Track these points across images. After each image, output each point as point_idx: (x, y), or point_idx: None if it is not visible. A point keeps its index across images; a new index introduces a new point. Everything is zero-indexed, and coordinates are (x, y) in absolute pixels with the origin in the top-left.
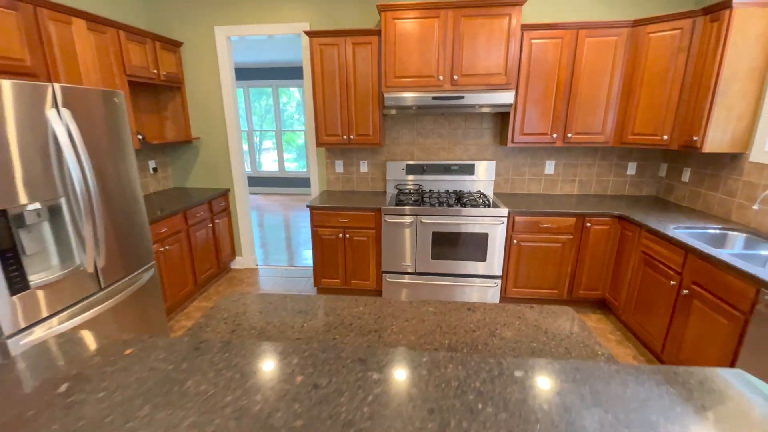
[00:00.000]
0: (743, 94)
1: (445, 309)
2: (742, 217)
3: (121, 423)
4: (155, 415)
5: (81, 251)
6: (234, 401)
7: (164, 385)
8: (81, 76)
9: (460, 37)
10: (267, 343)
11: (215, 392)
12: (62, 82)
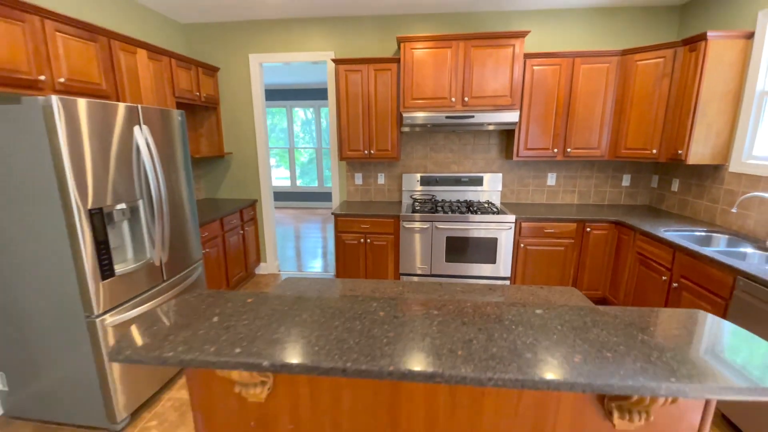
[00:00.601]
0: (720, 113)
1: (469, 288)
2: (725, 221)
3: (270, 335)
4: (291, 330)
5: (151, 247)
6: (341, 324)
7: (286, 316)
8: (142, 97)
9: (470, 63)
10: (352, 295)
11: (325, 320)
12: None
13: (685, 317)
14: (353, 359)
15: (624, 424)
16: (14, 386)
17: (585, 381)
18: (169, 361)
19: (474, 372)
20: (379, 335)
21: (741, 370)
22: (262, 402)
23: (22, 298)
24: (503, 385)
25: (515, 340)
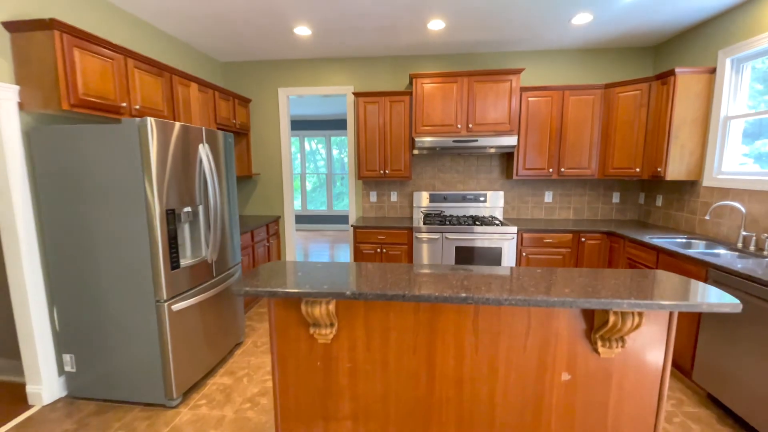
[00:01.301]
0: (691, 135)
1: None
2: (703, 230)
3: (345, 278)
4: (359, 278)
5: (206, 247)
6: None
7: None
8: (192, 122)
9: (473, 96)
10: (395, 264)
11: (382, 273)
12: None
13: (646, 273)
14: (408, 289)
15: (606, 352)
16: (81, 367)
17: (571, 299)
18: (278, 293)
19: (494, 296)
20: (424, 281)
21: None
22: (328, 343)
23: (103, 283)
24: (515, 304)
25: (522, 284)
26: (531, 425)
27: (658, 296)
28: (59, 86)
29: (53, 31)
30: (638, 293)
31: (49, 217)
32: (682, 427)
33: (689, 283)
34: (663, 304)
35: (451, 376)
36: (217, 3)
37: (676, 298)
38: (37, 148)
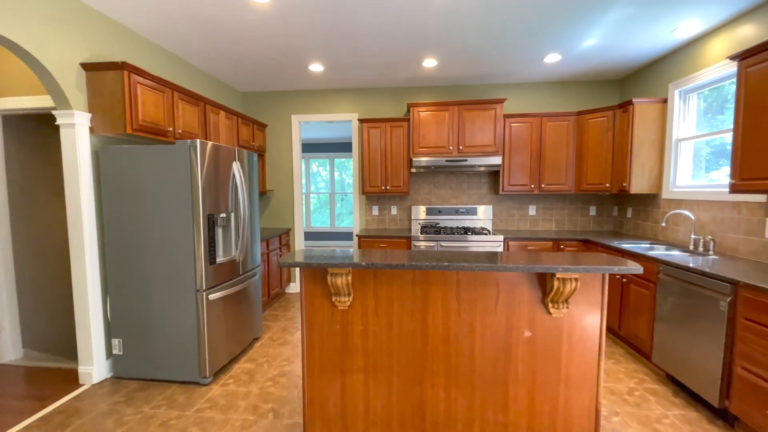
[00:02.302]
0: (649, 155)
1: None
2: (664, 236)
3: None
4: (387, 258)
5: (235, 248)
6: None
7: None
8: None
9: (463, 122)
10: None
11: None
12: None
13: (584, 254)
14: (407, 261)
15: (556, 312)
16: (127, 350)
17: (522, 266)
18: (312, 265)
19: (467, 264)
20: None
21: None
22: (346, 309)
23: (151, 275)
24: (484, 269)
25: (490, 258)
26: (502, 372)
27: (584, 264)
28: (125, 115)
29: (123, 71)
30: (571, 263)
31: (108, 220)
32: (642, 398)
33: (613, 259)
34: (586, 268)
35: (440, 334)
36: (246, 46)
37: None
38: (104, 164)
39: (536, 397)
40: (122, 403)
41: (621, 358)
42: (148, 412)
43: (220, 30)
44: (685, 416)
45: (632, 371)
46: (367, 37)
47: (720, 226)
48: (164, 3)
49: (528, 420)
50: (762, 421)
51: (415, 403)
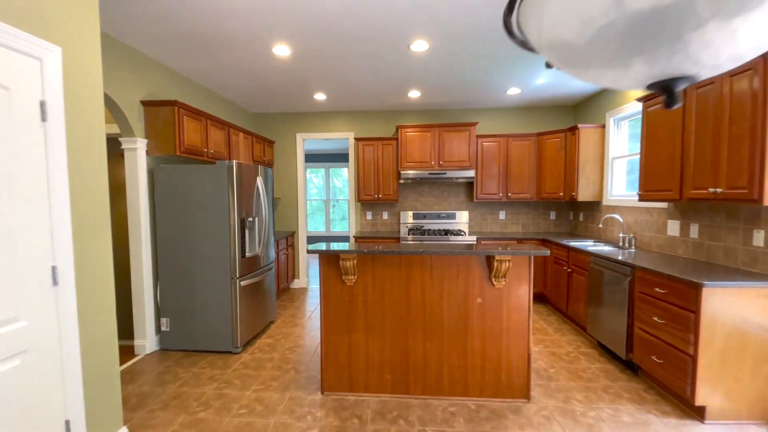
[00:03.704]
0: (593, 170)
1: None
2: (605, 236)
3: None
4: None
5: (258, 245)
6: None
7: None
8: (239, 159)
9: (443, 141)
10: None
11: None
12: None
13: (521, 246)
14: (395, 249)
15: (498, 284)
16: (173, 327)
17: (473, 251)
18: (330, 252)
19: (435, 250)
20: (403, 246)
21: (529, 250)
22: (352, 285)
23: (197, 267)
24: (446, 254)
25: (454, 248)
26: (462, 328)
27: (512, 250)
28: (175, 140)
29: (175, 107)
30: (504, 249)
31: (160, 222)
32: (574, 358)
33: (539, 247)
34: (512, 252)
35: (419, 302)
36: (265, 82)
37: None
38: (158, 178)
39: (486, 345)
40: (174, 366)
41: (566, 332)
42: (196, 371)
43: (246, 70)
44: (603, 368)
45: (572, 341)
46: (364, 75)
47: (639, 227)
48: (208, 56)
49: (481, 362)
50: (650, 364)
51: (401, 353)
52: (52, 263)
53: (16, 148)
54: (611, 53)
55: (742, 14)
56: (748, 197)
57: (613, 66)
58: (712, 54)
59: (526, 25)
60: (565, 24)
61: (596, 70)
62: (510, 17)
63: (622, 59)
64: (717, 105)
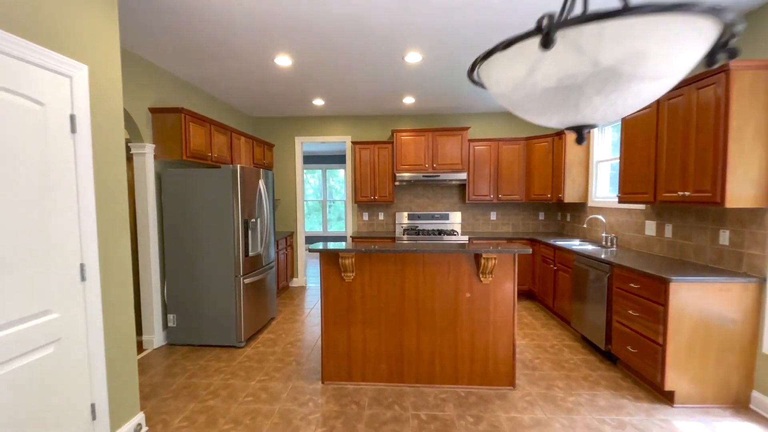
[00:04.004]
0: (579, 173)
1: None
2: (590, 236)
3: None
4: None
5: (259, 245)
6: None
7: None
8: (241, 163)
9: (436, 144)
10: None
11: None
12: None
13: (508, 245)
14: (391, 248)
15: (485, 280)
16: (179, 323)
17: (463, 249)
18: (330, 251)
19: (428, 248)
20: (399, 245)
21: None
22: (351, 281)
23: (203, 266)
24: (436, 251)
25: (444, 247)
26: (452, 321)
27: (498, 248)
28: (181, 145)
29: (181, 114)
30: (490, 248)
31: (167, 223)
32: (559, 350)
33: (524, 247)
34: (497, 250)
35: (412, 297)
36: (266, 89)
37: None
38: (165, 182)
39: (475, 337)
40: (181, 359)
41: (552, 326)
42: (203, 363)
43: (249, 79)
44: (585, 359)
45: (558, 334)
46: (361, 83)
47: (620, 227)
48: (213, 65)
49: (470, 352)
50: (626, 354)
51: (396, 344)
52: (81, 261)
53: (51, 158)
54: (536, 108)
55: (615, 93)
56: (712, 200)
57: (540, 115)
58: (601, 115)
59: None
60: (504, 85)
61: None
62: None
63: (544, 113)
64: (685, 115)
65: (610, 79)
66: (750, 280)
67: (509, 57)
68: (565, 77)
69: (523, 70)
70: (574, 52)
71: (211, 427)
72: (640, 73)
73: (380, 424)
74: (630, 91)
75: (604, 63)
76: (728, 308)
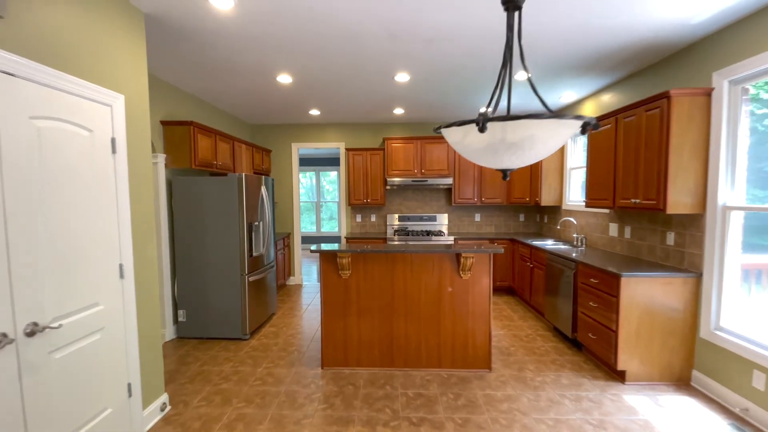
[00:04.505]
0: (554, 178)
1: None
2: (563, 236)
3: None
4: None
5: (261, 246)
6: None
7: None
8: (244, 171)
9: (424, 151)
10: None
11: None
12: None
13: (486, 245)
14: (383, 248)
15: (465, 276)
16: (189, 318)
17: (445, 249)
18: (328, 251)
19: (414, 249)
20: (389, 246)
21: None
22: (347, 278)
23: (211, 265)
24: (422, 252)
25: (430, 247)
26: (436, 312)
27: (475, 248)
28: (191, 155)
29: (191, 126)
30: (468, 248)
31: (178, 227)
32: (532, 338)
33: (493, 247)
34: (474, 250)
35: (401, 292)
36: (267, 101)
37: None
38: (176, 188)
39: (456, 326)
40: (192, 350)
41: (528, 318)
42: (213, 353)
43: (252, 93)
44: (554, 346)
45: (533, 326)
46: (355, 97)
47: (589, 228)
48: (219, 82)
49: (452, 339)
50: (588, 341)
51: (387, 333)
52: (120, 261)
53: (97, 175)
54: (475, 157)
55: (518, 154)
56: (657, 207)
57: (478, 160)
58: (512, 164)
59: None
60: (454, 142)
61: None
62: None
63: (480, 159)
64: (636, 133)
65: (512, 148)
66: (689, 275)
67: (459, 129)
68: (489, 144)
69: (466, 137)
70: (496, 133)
71: (226, 405)
72: (532, 146)
73: (373, 401)
74: (526, 154)
75: (510, 140)
76: (671, 299)
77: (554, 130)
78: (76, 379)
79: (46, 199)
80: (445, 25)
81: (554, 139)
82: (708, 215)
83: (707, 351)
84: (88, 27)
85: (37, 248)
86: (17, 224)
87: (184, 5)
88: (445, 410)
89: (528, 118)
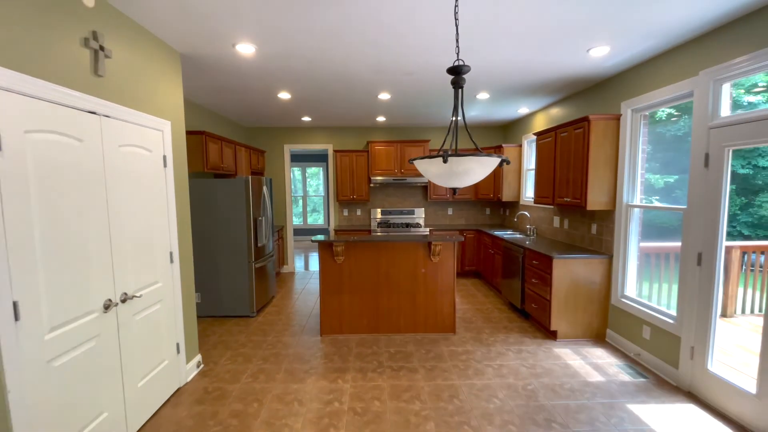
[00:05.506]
0: (513, 178)
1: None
2: (520, 227)
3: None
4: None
5: (264, 237)
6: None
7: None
8: (243, 171)
9: (404, 153)
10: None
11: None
12: (237, 173)
13: (456, 235)
14: (370, 238)
15: (435, 260)
16: (203, 299)
17: (419, 238)
18: (325, 241)
19: (397, 239)
20: (376, 237)
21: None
22: (341, 263)
23: (222, 253)
24: (400, 240)
25: (407, 237)
26: (412, 289)
27: (443, 237)
28: (203, 160)
29: (203, 135)
30: (437, 238)
31: (194, 222)
32: (490, 311)
33: (457, 237)
34: (442, 239)
35: (385, 273)
36: (264, 110)
37: (441, 240)
38: (192, 189)
39: (428, 299)
40: (209, 326)
41: (490, 296)
42: (227, 327)
43: (253, 105)
44: (507, 316)
45: (493, 301)
46: (343, 109)
47: (539, 221)
48: (225, 97)
49: (424, 310)
50: (532, 310)
51: (373, 306)
52: (170, 249)
53: (158, 184)
54: (435, 179)
55: (462, 178)
56: (581, 205)
57: (436, 180)
58: (461, 184)
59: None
60: (422, 169)
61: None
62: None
63: (439, 180)
64: (568, 146)
65: (460, 174)
66: (604, 257)
67: (425, 161)
68: (444, 172)
69: (429, 167)
70: (449, 165)
71: (248, 363)
72: (470, 174)
73: (364, 356)
74: (467, 179)
75: (457, 170)
76: (591, 275)
77: (484, 164)
78: (147, 337)
79: (130, 203)
80: (422, 64)
81: (485, 169)
82: (617, 211)
83: (616, 313)
84: (147, 72)
85: (126, 239)
86: (117, 224)
87: (212, 48)
88: (419, 361)
89: (469, 155)
